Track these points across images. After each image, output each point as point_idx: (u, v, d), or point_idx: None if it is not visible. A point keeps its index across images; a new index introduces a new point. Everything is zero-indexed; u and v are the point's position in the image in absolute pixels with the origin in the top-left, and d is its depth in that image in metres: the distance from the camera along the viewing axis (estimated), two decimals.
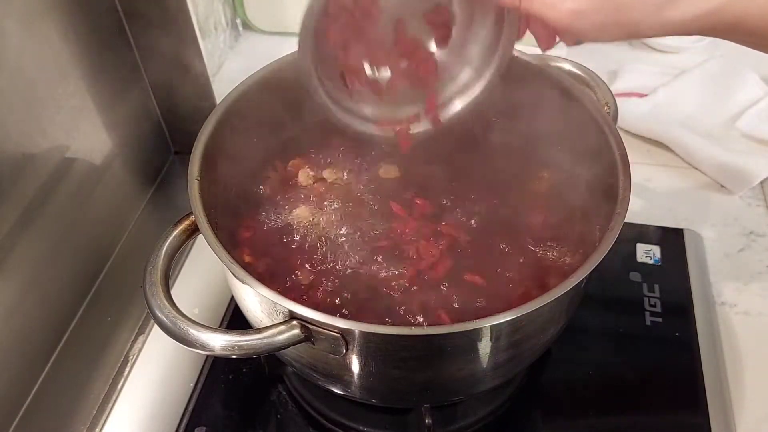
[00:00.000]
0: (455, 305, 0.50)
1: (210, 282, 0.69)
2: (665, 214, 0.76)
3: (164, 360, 0.64)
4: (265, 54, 0.60)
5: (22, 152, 0.56)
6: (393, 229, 0.56)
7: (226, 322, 0.65)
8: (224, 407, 0.60)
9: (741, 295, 0.68)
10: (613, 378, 0.61)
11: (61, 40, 0.60)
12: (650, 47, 1.00)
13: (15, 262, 0.56)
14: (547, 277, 0.52)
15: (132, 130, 0.74)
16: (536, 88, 0.59)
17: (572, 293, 0.44)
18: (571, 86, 0.57)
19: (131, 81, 0.73)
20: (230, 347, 0.41)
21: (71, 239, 0.64)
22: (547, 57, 0.60)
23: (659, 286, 0.67)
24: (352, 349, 0.43)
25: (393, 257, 0.54)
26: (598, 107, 0.55)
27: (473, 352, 0.45)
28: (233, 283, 0.49)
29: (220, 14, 0.95)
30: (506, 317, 0.41)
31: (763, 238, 0.74)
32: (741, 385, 0.61)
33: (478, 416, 0.59)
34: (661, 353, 0.63)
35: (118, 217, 0.73)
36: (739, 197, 0.78)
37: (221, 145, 0.54)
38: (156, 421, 0.59)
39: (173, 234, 0.47)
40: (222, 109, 0.55)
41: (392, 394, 0.52)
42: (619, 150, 0.51)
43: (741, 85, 0.87)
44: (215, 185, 0.53)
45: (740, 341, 0.65)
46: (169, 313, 0.43)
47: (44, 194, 0.59)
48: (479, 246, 0.54)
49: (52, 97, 0.60)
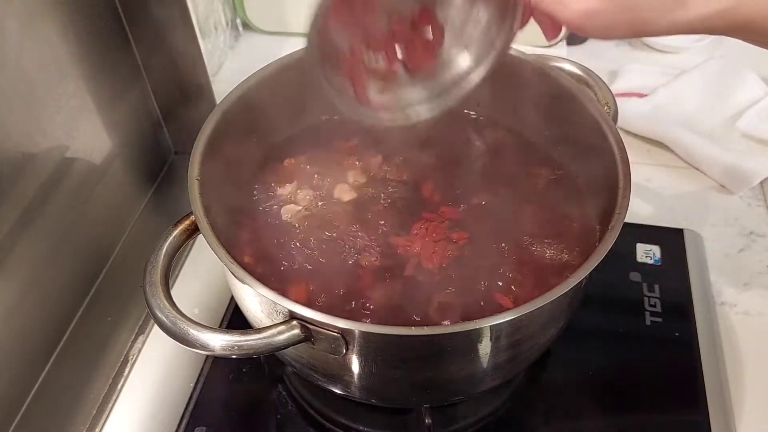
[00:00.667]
0: (455, 305, 0.50)
1: (210, 282, 0.69)
2: (665, 214, 0.76)
3: (164, 360, 0.64)
4: (265, 54, 0.60)
5: (22, 152, 0.56)
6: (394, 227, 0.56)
7: (226, 322, 0.65)
8: (224, 407, 0.60)
9: (741, 295, 0.68)
10: (613, 378, 0.61)
11: (61, 40, 0.60)
12: (650, 47, 1.00)
13: (15, 262, 0.56)
14: (546, 277, 0.52)
15: (132, 130, 0.74)
16: (536, 88, 0.59)
17: (572, 293, 0.44)
18: (571, 86, 0.57)
19: (131, 81, 0.73)
20: (230, 347, 0.42)
21: (71, 239, 0.64)
22: (547, 57, 0.60)
23: (659, 286, 0.67)
24: (352, 349, 0.43)
25: (394, 257, 0.54)
26: (598, 107, 0.55)
27: (473, 352, 0.45)
28: (233, 283, 0.49)
29: (220, 14, 0.95)
30: (506, 317, 0.41)
31: (763, 238, 0.74)
32: (741, 385, 0.61)
33: (478, 416, 0.59)
34: (661, 353, 0.63)
35: (118, 217, 0.73)
36: (739, 197, 0.78)
37: (221, 145, 0.54)
38: (156, 421, 0.59)
39: (173, 234, 0.47)
40: (222, 109, 0.55)
41: (392, 394, 0.52)
42: (619, 150, 0.51)
43: (741, 85, 0.86)
44: (215, 185, 0.53)
45: (740, 341, 0.65)
46: (169, 313, 0.43)
47: (44, 194, 0.59)
48: (478, 246, 0.54)
49: (52, 97, 0.60)
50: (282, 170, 0.61)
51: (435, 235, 0.55)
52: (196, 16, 0.83)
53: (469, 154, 0.62)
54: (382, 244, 0.54)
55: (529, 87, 0.60)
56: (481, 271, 0.52)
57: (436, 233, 0.55)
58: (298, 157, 0.62)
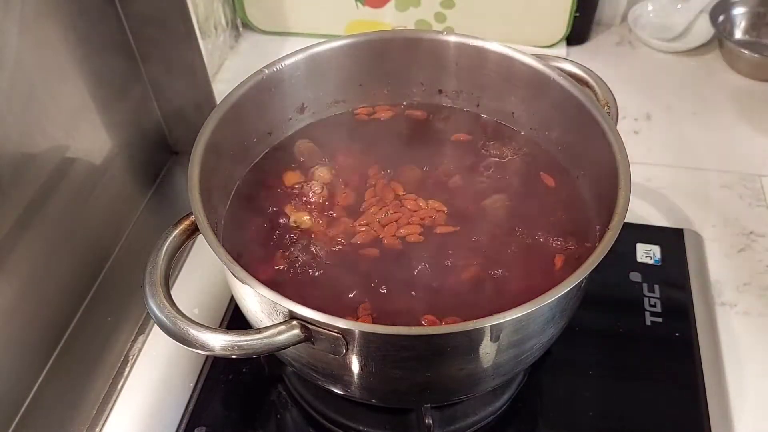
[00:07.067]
0: (455, 305, 0.50)
1: (210, 282, 0.69)
2: (665, 214, 0.76)
3: (164, 360, 0.64)
4: (265, 54, 0.60)
5: (22, 152, 0.56)
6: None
7: (226, 322, 0.65)
8: (224, 407, 0.60)
9: (741, 295, 0.68)
10: (613, 378, 0.61)
11: (61, 41, 0.60)
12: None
13: (15, 262, 0.56)
14: (546, 277, 0.52)
15: (132, 130, 0.74)
16: (536, 88, 0.59)
17: (572, 293, 0.44)
18: (571, 86, 0.57)
19: (131, 81, 0.73)
20: (230, 347, 0.41)
21: (71, 239, 0.64)
22: (547, 57, 0.60)
23: (659, 286, 0.67)
24: (352, 349, 0.43)
25: (394, 257, 0.54)
26: (598, 107, 0.55)
27: (473, 352, 0.45)
28: (233, 283, 0.49)
29: (220, 14, 0.95)
30: (506, 317, 0.41)
31: (763, 238, 0.74)
32: (741, 385, 0.61)
33: (478, 416, 0.59)
34: (661, 353, 0.63)
35: (118, 217, 0.73)
36: (739, 197, 0.78)
37: (221, 145, 0.54)
38: (156, 421, 0.59)
39: (173, 234, 0.47)
40: (222, 109, 0.55)
41: (392, 394, 0.52)
42: (619, 150, 0.51)
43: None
44: (215, 185, 0.53)
45: (740, 341, 0.65)
46: (169, 313, 0.43)
47: (44, 194, 0.59)
48: (477, 245, 0.54)
49: (52, 97, 0.60)
50: (282, 170, 0.61)
51: (435, 235, 0.55)
52: (196, 17, 0.83)
53: (467, 154, 0.62)
54: (383, 244, 0.54)
55: (528, 87, 0.60)
56: (480, 270, 0.52)
57: (437, 234, 0.55)
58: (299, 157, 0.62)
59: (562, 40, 0.97)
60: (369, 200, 0.57)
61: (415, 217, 0.56)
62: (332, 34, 0.89)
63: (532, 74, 0.59)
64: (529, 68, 0.59)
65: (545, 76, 0.58)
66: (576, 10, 0.93)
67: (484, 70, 0.62)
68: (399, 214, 0.56)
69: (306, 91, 0.62)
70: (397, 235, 0.55)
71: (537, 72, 0.59)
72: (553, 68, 0.58)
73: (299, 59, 0.59)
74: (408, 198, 0.58)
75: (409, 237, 0.55)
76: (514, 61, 0.60)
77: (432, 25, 0.97)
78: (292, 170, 0.60)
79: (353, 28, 0.98)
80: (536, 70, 0.59)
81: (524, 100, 0.62)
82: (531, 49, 0.60)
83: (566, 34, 0.96)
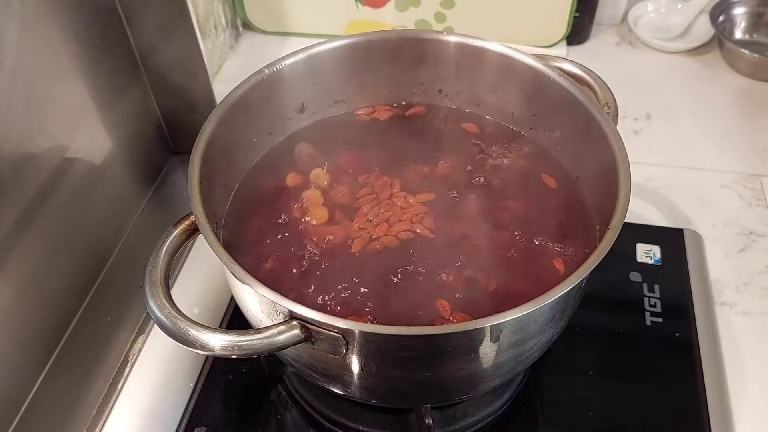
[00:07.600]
0: (455, 305, 0.50)
1: (210, 282, 0.69)
2: (665, 214, 0.76)
3: (164, 360, 0.64)
4: (265, 54, 0.60)
5: (22, 152, 0.56)
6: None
7: (226, 322, 0.65)
8: (224, 407, 0.60)
9: (741, 295, 0.68)
10: (613, 378, 0.61)
11: (61, 40, 0.60)
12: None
13: (15, 262, 0.56)
14: (546, 277, 0.52)
15: (132, 130, 0.74)
16: (535, 88, 0.59)
17: (572, 293, 0.44)
18: (571, 86, 0.57)
19: (131, 81, 0.73)
20: (230, 347, 0.41)
21: (71, 239, 0.64)
22: (547, 57, 0.60)
23: (659, 286, 0.67)
24: (352, 350, 0.43)
25: (394, 257, 0.54)
26: (598, 107, 0.55)
27: (473, 352, 0.45)
28: (233, 283, 0.49)
29: (220, 14, 0.95)
30: (506, 317, 0.41)
31: (763, 238, 0.74)
32: (741, 385, 0.61)
33: (478, 416, 0.59)
34: (661, 353, 0.63)
35: (118, 217, 0.73)
36: (739, 197, 0.78)
37: (221, 145, 0.54)
38: (156, 421, 0.59)
39: (173, 234, 0.47)
40: (222, 109, 0.55)
41: (392, 394, 0.52)
42: (619, 150, 0.51)
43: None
44: (215, 185, 0.52)
45: (740, 341, 0.65)
46: (169, 313, 0.43)
47: (44, 194, 0.59)
48: (477, 245, 0.54)
49: (52, 97, 0.60)
50: (282, 170, 0.61)
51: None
52: (196, 16, 0.83)
53: (467, 154, 0.62)
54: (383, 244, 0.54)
55: (528, 87, 0.60)
56: (480, 270, 0.52)
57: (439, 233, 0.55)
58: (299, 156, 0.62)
59: (562, 40, 0.97)
60: (368, 200, 0.57)
61: (415, 217, 0.56)
62: (332, 34, 0.89)
63: (532, 74, 0.59)
64: (529, 68, 0.59)
65: (545, 76, 0.58)
66: (576, 10, 0.93)
67: (484, 70, 0.62)
68: (399, 213, 0.56)
69: (306, 91, 0.62)
70: (397, 235, 0.55)
71: (537, 72, 0.59)
72: (553, 68, 0.58)
73: (299, 59, 0.59)
74: (406, 197, 0.57)
75: (409, 237, 0.54)
76: (514, 61, 0.60)
77: (432, 25, 0.97)
78: (292, 170, 0.60)
79: (353, 28, 0.98)
80: (536, 70, 0.59)
81: (524, 100, 0.62)
82: (531, 49, 0.60)
83: (566, 34, 0.96)
